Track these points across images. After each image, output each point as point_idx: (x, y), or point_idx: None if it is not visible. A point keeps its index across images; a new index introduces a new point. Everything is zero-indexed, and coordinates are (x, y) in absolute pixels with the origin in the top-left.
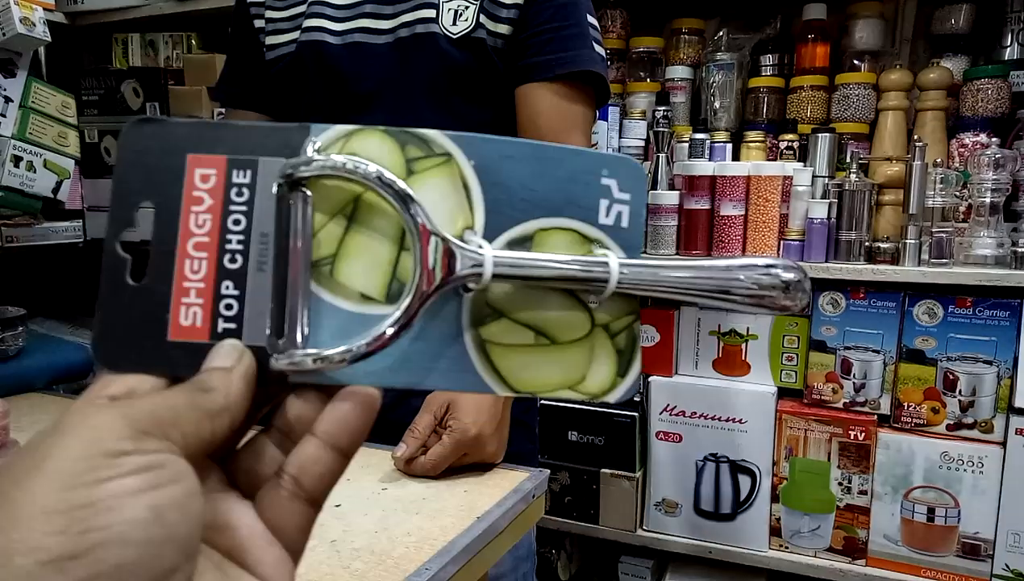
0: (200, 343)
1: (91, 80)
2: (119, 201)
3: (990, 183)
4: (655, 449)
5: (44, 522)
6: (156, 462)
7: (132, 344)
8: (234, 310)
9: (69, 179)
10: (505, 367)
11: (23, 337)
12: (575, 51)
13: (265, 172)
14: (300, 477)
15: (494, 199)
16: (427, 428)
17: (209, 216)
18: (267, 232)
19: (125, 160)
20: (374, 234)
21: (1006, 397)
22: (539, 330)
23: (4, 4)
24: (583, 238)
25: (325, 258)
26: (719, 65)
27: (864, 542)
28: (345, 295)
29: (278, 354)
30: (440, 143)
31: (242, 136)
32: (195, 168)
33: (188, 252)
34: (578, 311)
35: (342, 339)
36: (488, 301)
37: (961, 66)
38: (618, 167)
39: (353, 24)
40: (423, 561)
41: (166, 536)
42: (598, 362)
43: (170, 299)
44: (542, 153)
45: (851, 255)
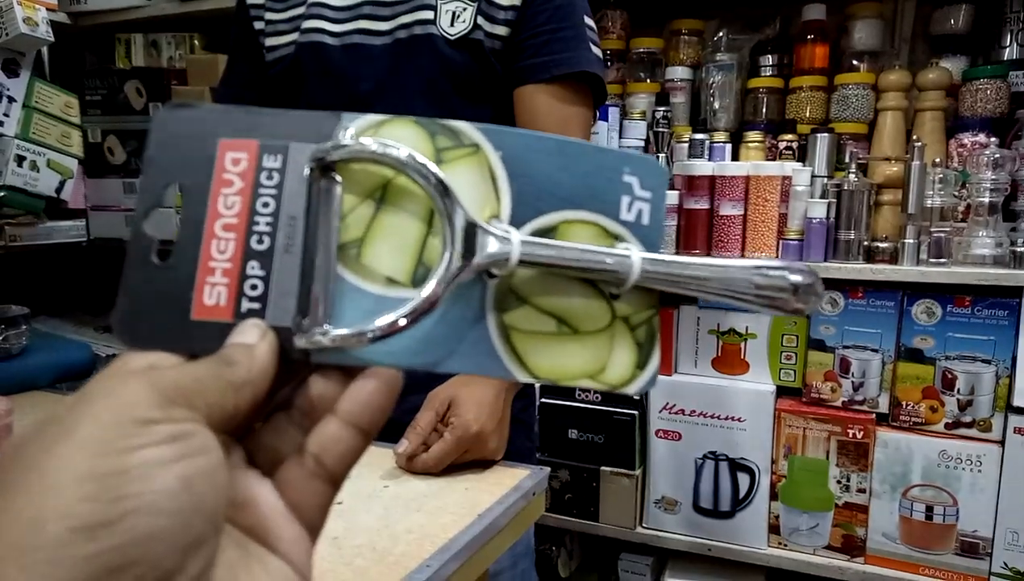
0: (223, 322)
1: (94, 80)
2: (149, 181)
3: (989, 183)
4: (655, 447)
5: (76, 488)
6: (185, 431)
7: (155, 322)
8: (259, 290)
9: (72, 179)
10: (526, 353)
11: (26, 336)
12: (572, 52)
13: (295, 157)
14: (322, 456)
15: (520, 190)
16: (429, 425)
17: (238, 198)
18: (295, 215)
19: (157, 142)
20: (402, 218)
21: (1004, 396)
22: (561, 319)
23: (7, 4)
24: (605, 232)
25: (353, 241)
26: (718, 66)
27: (863, 540)
28: (371, 278)
29: (302, 333)
30: (469, 134)
31: (274, 123)
32: (226, 152)
33: (216, 233)
34: (600, 302)
35: (367, 321)
36: (512, 287)
37: (960, 66)
38: (640, 165)
39: (351, 25)
40: (424, 558)
41: (195, 507)
42: (618, 353)
43: (195, 278)
44: (566, 148)
45: (850, 255)
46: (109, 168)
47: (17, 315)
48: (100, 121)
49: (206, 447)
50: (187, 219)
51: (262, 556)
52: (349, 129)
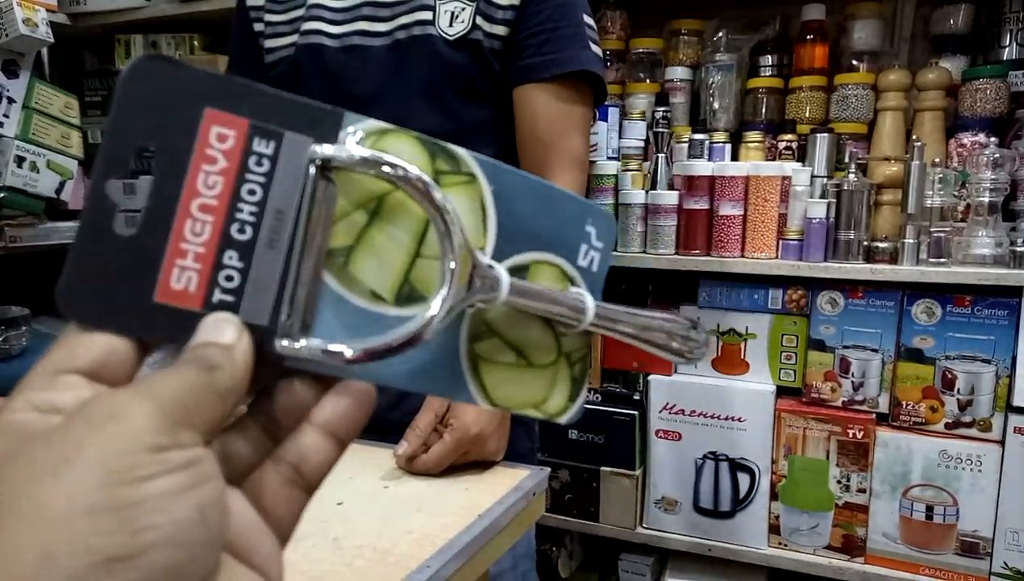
0: (190, 310)
1: (94, 81)
2: (115, 139)
3: (988, 183)
4: (655, 447)
5: (91, 521)
6: (194, 457)
7: (108, 298)
8: (234, 282)
9: (72, 179)
10: (489, 381)
11: (26, 337)
12: (572, 51)
13: (290, 147)
14: (300, 465)
15: (504, 226)
16: (428, 426)
17: (221, 179)
18: (283, 209)
19: (129, 95)
20: (394, 234)
21: (1004, 396)
22: (521, 351)
23: (7, 5)
24: (563, 274)
25: (341, 248)
26: (718, 66)
27: (863, 540)
28: (356, 290)
29: (283, 338)
30: (467, 163)
31: (268, 103)
32: (212, 124)
33: (191, 212)
34: (550, 337)
35: (345, 332)
36: (484, 319)
37: (960, 66)
38: (599, 218)
39: (351, 27)
40: (424, 558)
41: (209, 537)
42: (558, 386)
43: (163, 257)
44: (548, 193)
45: (850, 254)
46: None
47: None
48: (100, 122)
49: (213, 472)
50: (159, 190)
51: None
52: (356, 133)
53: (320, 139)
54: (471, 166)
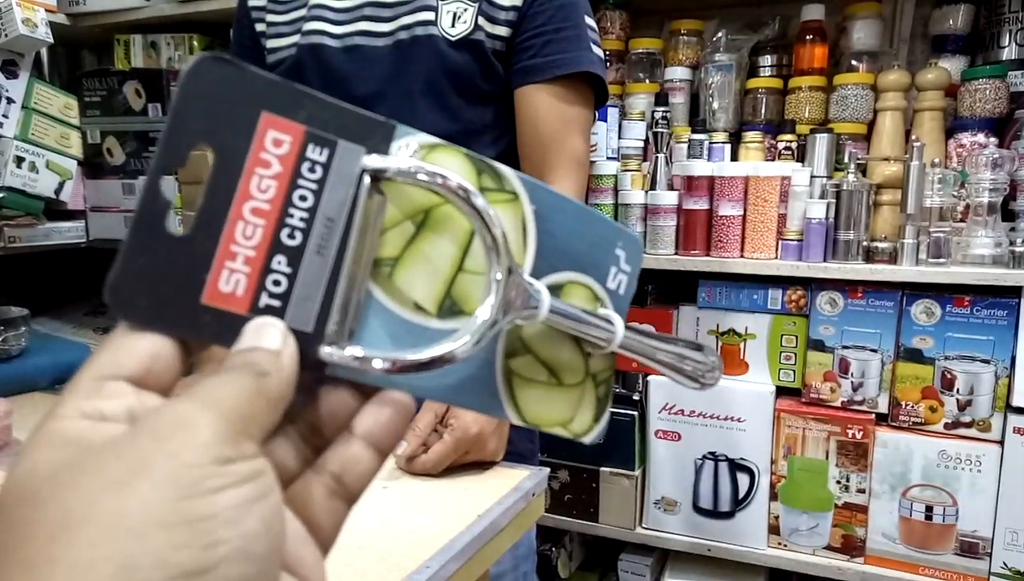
0: (237, 313)
1: (93, 81)
2: (173, 137)
3: (988, 183)
4: (654, 447)
5: (166, 534)
6: (259, 469)
7: (158, 296)
8: (282, 287)
9: (71, 180)
10: (521, 398)
11: (26, 337)
12: (573, 52)
13: (343, 156)
14: (342, 476)
15: (542, 245)
16: (428, 426)
17: (274, 183)
18: (333, 217)
19: (190, 94)
20: (440, 247)
21: (1004, 396)
22: (552, 370)
23: (6, 5)
24: (594, 296)
25: (388, 259)
26: (718, 66)
27: (862, 540)
28: (400, 301)
29: (328, 345)
30: (511, 181)
31: (324, 110)
32: (268, 128)
33: (243, 215)
34: (579, 358)
35: (389, 342)
36: (520, 336)
37: (959, 66)
38: (629, 242)
39: (353, 27)
40: (424, 559)
41: (275, 549)
42: (584, 406)
43: (213, 258)
44: (585, 214)
45: (849, 255)
46: (108, 169)
47: (17, 316)
48: (99, 122)
49: (274, 483)
50: (212, 190)
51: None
52: (409, 146)
53: (372, 149)
54: (514, 185)
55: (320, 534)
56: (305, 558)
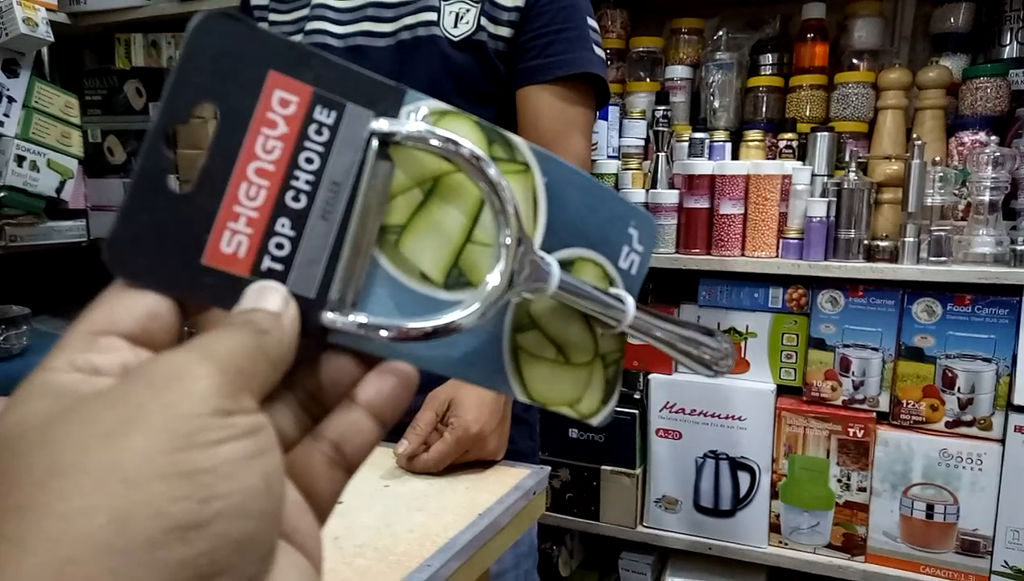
0: (237, 275)
1: (94, 80)
2: (177, 93)
3: (989, 181)
4: (655, 446)
5: (163, 484)
6: (258, 424)
7: (157, 256)
8: (285, 251)
9: (72, 179)
10: (528, 375)
11: (27, 336)
12: (575, 53)
13: (351, 119)
14: (342, 444)
15: (553, 219)
16: (429, 425)
17: (280, 144)
18: (340, 181)
19: (195, 50)
20: (448, 216)
21: (1005, 394)
22: (560, 348)
23: (7, 4)
24: (605, 274)
25: (394, 226)
26: (718, 65)
27: (863, 539)
28: (406, 269)
29: (331, 311)
30: (523, 152)
31: (333, 72)
32: (275, 88)
33: (247, 175)
34: (589, 337)
35: (396, 311)
36: (528, 310)
37: (960, 65)
38: (643, 221)
39: (355, 27)
40: (425, 557)
41: (274, 509)
42: (592, 387)
43: (215, 218)
44: (596, 189)
45: (850, 253)
46: (109, 168)
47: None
48: (100, 121)
49: (275, 441)
50: (216, 149)
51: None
52: (420, 110)
53: (381, 114)
54: (526, 155)
55: (317, 502)
56: (301, 526)
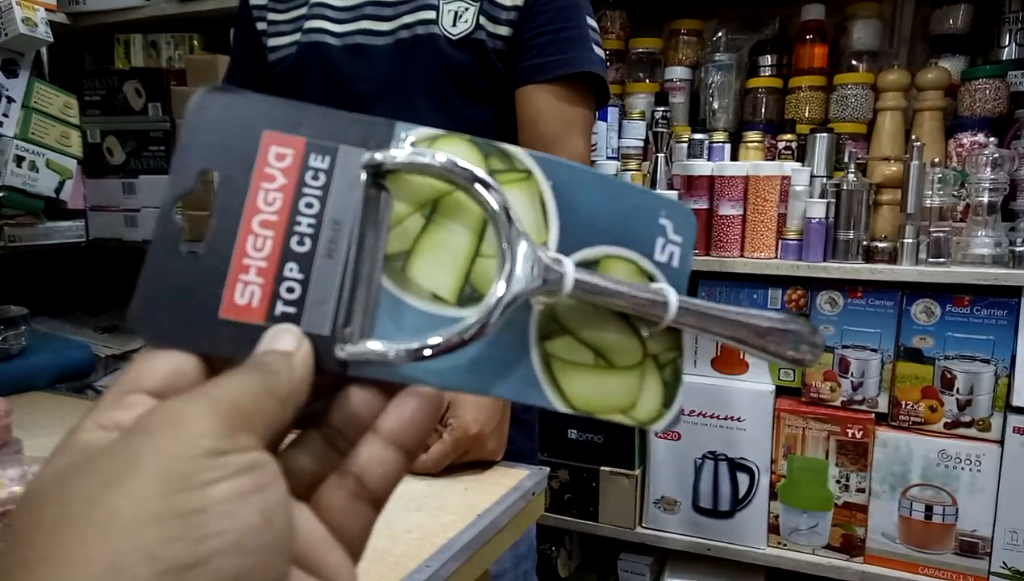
0: (254, 324)
1: (93, 80)
2: (181, 165)
3: (988, 182)
4: (654, 447)
5: (157, 528)
6: (256, 461)
7: (178, 316)
8: (295, 294)
9: (71, 179)
10: (566, 384)
11: (26, 336)
12: (574, 53)
13: (344, 160)
14: (364, 477)
15: (566, 221)
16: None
17: (280, 195)
18: (340, 220)
19: (193, 125)
20: (452, 235)
21: (1004, 395)
22: (599, 352)
23: (6, 5)
24: (640, 270)
25: (399, 253)
26: (718, 66)
27: (862, 540)
28: (416, 293)
29: (344, 343)
30: (521, 160)
31: (322, 122)
32: (271, 145)
33: (252, 229)
34: (632, 339)
35: (410, 335)
36: (555, 316)
37: (959, 66)
38: (675, 210)
39: (354, 26)
40: (424, 558)
41: (276, 543)
42: (647, 391)
43: (227, 274)
44: (609, 184)
45: (849, 254)
46: (108, 168)
47: (16, 315)
48: (99, 121)
49: (276, 477)
50: (222, 209)
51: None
52: (408, 138)
53: (372, 149)
54: (526, 162)
55: (345, 537)
56: (329, 561)
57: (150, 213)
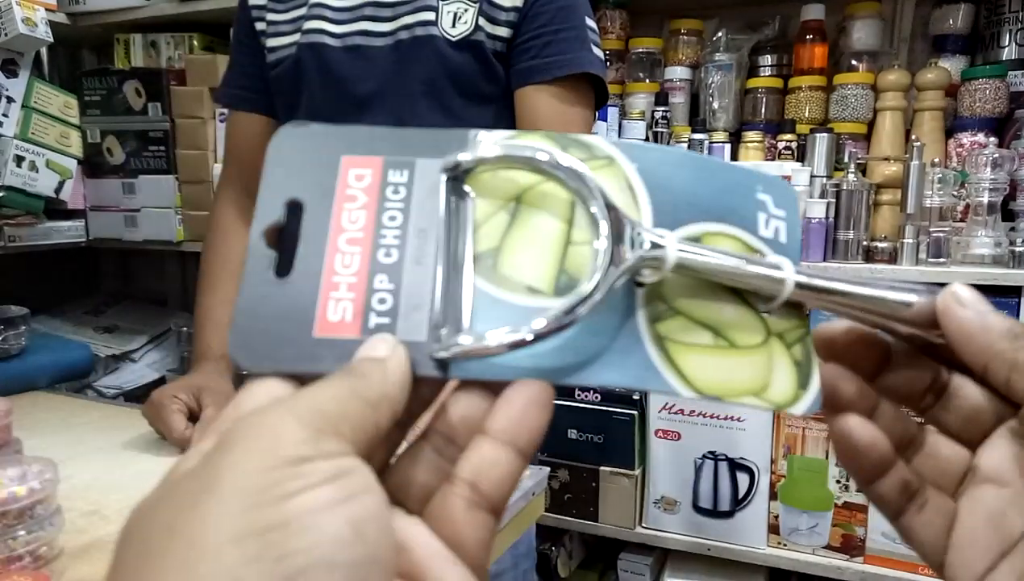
0: (350, 339)
1: (93, 80)
2: (266, 197)
3: (988, 183)
4: (654, 447)
5: (234, 549)
6: (343, 468)
7: (274, 341)
8: (388, 304)
9: (71, 179)
10: (688, 367)
11: (26, 336)
12: (574, 53)
13: (423, 171)
14: (478, 482)
15: (659, 201)
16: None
17: (363, 213)
18: (425, 227)
19: (275, 158)
20: (540, 226)
21: None
22: (717, 331)
23: (6, 4)
24: (747, 246)
25: (488, 251)
26: (718, 66)
27: (862, 540)
28: (511, 288)
29: (441, 343)
30: (601, 148)
31: (398, 140)
32: (349, 168)
33: (339, 247)
34: (752, 316)
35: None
36: (662, 296)
37: (959, 66)
38: (772, 184)
39: (353, 27)
40: None
41: (370, 556)
42: (778, 371)
43: (318, 293)
44: (697, 162)
45: (849, 255)
46: (108, 168)
47: (16, 315)
48: (99, 121)
49: (368, 484)
50: (308, 234)
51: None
52: (487, 140)
53: None
54: (606, 149)
55: (465, 551)
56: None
57: (150, 213)
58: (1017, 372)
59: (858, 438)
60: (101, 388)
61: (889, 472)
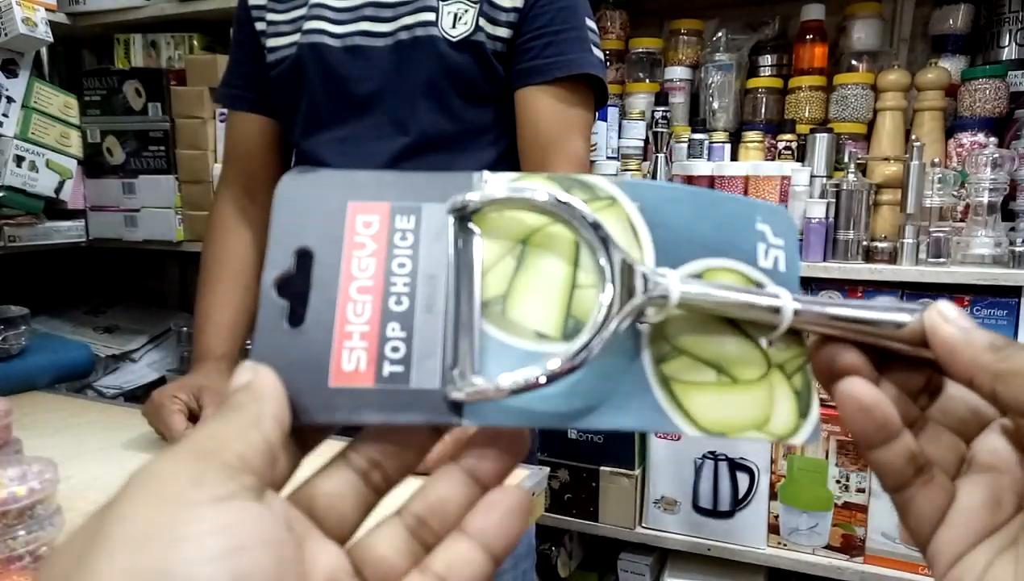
0: (365, 388)
1: (93, 80)
2: (275, 246)
3: (988, 183)
4: (654, 447)
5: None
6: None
7: (291, 394)
8: (401, 352)
9: (71, 179)
10: (693, 406)
11: (26, 336)
12: (574, 54)
13: (429, 217)
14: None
15: (661, 239)
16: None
17: (373, 260)
18: (434, 274)
19: (282, 205)
20: (547, 271)
21: None
22: (720, 368)
23: (6, 4)
24: (747, 279)
25: (496, 297)
26: (717, 66)
27: (862, 540)
28: (519, 334)
29: (455, 385)
30: (603, 188)
31: (403, 185)
32: (356, 214)
33: (350, 296)
34: (753, 349)
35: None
36: (665, 336)
37: (959, 66)
38: (770, 213)
39: (353, 27)
40: None
41: None
42: (779, 403)
43: (331, 343)
44: (699, 197)
45: (849, 254)
46: (108, 168)
47: (16, 315)
48: (99, 121)
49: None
50: (319, 283)
51: None
52: (487, 181)
53: None
54: (608, 189)
55: None
56: None
57: (150, 213)
58: (1000, 382)
59: (860, 394)
60: (101, 388)
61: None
